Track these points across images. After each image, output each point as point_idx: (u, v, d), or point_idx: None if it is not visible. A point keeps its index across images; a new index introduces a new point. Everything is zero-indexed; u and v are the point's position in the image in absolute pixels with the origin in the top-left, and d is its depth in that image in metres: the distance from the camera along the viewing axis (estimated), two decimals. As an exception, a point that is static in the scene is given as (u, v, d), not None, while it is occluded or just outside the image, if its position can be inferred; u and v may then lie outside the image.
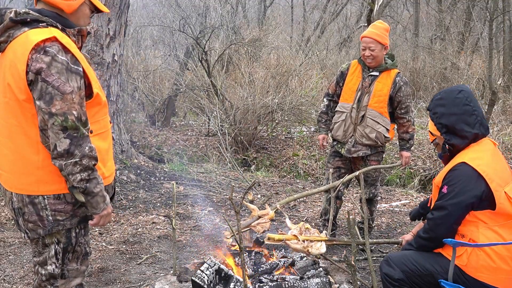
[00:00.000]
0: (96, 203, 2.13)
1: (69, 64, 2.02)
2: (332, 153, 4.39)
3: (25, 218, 2.16)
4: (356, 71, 4.19)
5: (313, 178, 7.86)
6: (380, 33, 4.04)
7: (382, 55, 4.08)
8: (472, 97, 2.68)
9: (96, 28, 6.02)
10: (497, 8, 11.00)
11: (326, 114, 4.41)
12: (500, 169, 2.60)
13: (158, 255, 4.27)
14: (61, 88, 1.99)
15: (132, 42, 12.40)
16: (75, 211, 2.19)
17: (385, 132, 4.17)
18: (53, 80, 1.98)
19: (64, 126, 1.99)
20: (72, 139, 2.01)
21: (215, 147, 8.61)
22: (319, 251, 3.07)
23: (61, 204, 2.15)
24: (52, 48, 2.01)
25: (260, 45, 11.22)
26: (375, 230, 4.97)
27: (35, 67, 1.98)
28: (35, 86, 2.00)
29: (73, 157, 2.01)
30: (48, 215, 2.14)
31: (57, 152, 2.01)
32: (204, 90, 9.73)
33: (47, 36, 2.03)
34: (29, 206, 2.14)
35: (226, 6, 10.84)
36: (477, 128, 2.63)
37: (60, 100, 1.98)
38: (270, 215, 3.26)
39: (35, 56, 1.99)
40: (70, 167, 2.02)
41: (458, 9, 15.18)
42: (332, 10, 16.82)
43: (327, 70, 12.42)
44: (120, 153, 6.33)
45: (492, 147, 2.69)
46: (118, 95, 6.42)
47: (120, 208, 5.42)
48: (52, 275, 2.25)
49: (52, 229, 2.16)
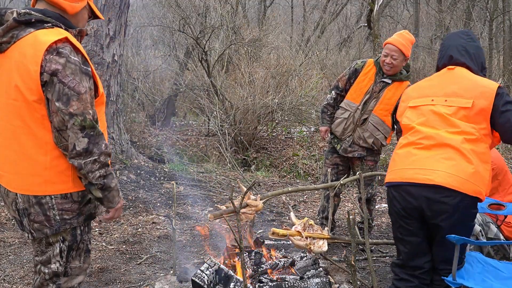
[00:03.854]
0: (113, 197, 2.20)
1: (81, 64, 2.08)
2: (330, 149, 4.39)
3: (31, 218, 2.18)
4: (370, 73, 4.14)
5: (313, 178, 7.86)
6: (406, 43, 3.98)
7: (401, 66, 4.04)
8: (449, 37, 2.86)
9: (96, 28, 6.02)
10: (497, 8, 11.00)
11: (332, 107, 4.34)
12: (426, 87, 2.78)
13: (158, 255, 4.27)
14: (77, 89, 2.04)
15: (132, 42, 12.40)
16: (81, 209, 2.23)
17: (383, 140, 4.17)
18: (68, 81, 2.03)
19: (82, 125, 2.04)
20: (90, 137, 2.07)
21: (215, 147, 8.60)
22: (321, 250, 3.07)
23: (68, 203, 2.18)
24: (65, 49, 2.05)
25: (260, 45, 11.20)
26: (375, 230, 4.97)
27: (50, 68, 2.02)
28: (52, 88, 2.03)
29: (92, 155, 2.07)
30: (55, 215, 2.17)
31: (76, 152, 2.06)
32: (204, 90, 9.73)
33: (59, 37, 2.06)
34: (36, 206, 2.16)
35: (226, 6, 10.82)
36: (443, 60, 2.81)
37: (76, 100, 2.03)
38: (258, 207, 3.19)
39: (48, 57, 2.02)
40: (89, 165, 2.07)
41: (458, 9, 15.18)
42: (332, 10, 16.82)
43: (327, 70, 12.41)
44: (120, 153, 6.33)
45: (444, 72, 2.79)
46: (118, 95, 6.42)
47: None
48: (55, 273, 2.26)
49: (60, 228, 2.19)
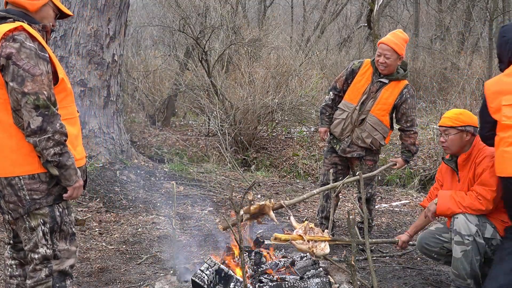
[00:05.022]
0: (69, 175, 2.32)
1: (37, 50, 2.23)
2: (329, 149, 4.39)
3: (6, 199, 2.33)
4: (367, 73, 4.15)
5: (313, 178, 7.86)
6: (399, 42, 3.99)
7: (396, 65, 4.05)
8: (508, 30, 3.01)
9: (96, 28, 6.02)
10: (497, 8, 11.01)
11: (331, 108, 4.35)
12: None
13: (158, 255, 4.27)
14: (31, 71, 2.19)
15: (132, 42, 12.39)
16: (50, 190, 2.34)
17: (381, 140, 4.17)
18: (23, 64, 2.18)
19: (36, 104, 2.18)
20: (44, 116, 2.19)
21: (215, 147, 8.60)
22: (323, 252, 3.07)
23: (36, 184, 2.31)
24: (20, 36, 2.21)
25: (260, 45, 11.19)
26: (375, 230, 4.97)
27: (5, 52, 2.19)
28: (7, 70, 2.20)
29: (46, 133, 2.20)
30: (25, 195, 2.30)
31: (30, 130, 2.20)
32: (204, 90, 9.72)
33: (14, 26, 2.26)
34: (8, 188, 2.30)
35: (226, 6, 10.81)
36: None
37: (31, 81, 2.18)
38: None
39: (4, 44, 2.20)
40: (44, 142, 2.21)
41: (458, 9, 15.18)
42: (332, 10, 16.79)
43: (327, 70, 12.41)
44: (120, 153, 6.33)
45: None
46: (118, 95, 6.42)
47: (120, 208, 5.41)
48: (45, 256, 2.36)
49: (30, 207, 2.31)
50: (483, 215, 3.20)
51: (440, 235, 3.45)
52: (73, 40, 5.96)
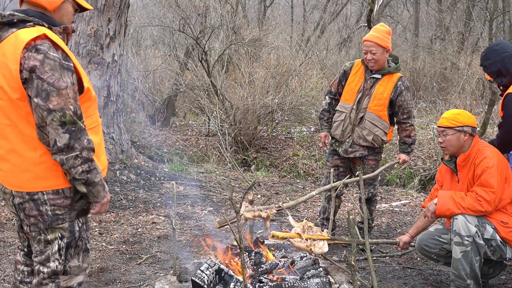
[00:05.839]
0: (97, 192, 2.21)
1: (61, 60, 2.09)
2: (331, 151, 4.40)
3: (26, 213, 2.21)
4: (359, 72, 4.18)
5: (313, 178, 7.86)
6: (382, 36, 4.01)
7: (384, 58, 4.07)
8: (507, 45, 3.35)
9: (96, 28, 6.02)
10: (497, 8, 11.00)
11: (328, 112, 4.39)
12: None
13: (158, 255, 4.27)
14: (56, 84, 2.05)
15: (132, 42, 12.38)
16: (73, 205, 2.24)
17: (383, 136, 4.17)
18: (47, 77, 2.04)
19: (62, 121, 2.05)
20: (71, 133, 2.08)
21: (215, 147, 8.61)
22: (321, 251, 3.07)
23: (60, 199, 2.20)
24: (43, 46, 2.07)
25: (260, 45, 11.20)
26: (375, 230, 4.97)
27: (28, 65, 2.05)
28: (31, 84, 2.06)
29: (73, 150, 2.09)
30: (47, 210, 2.19)
31: (57, 147, 2.08)
32: (204, 90, 9.73)
33: (37, 34, 2.08)
34: (30, 202, 2.19)
35: (226, 6, 10.82)
36: None
37: (56, 96, 2.05)
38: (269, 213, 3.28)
39: (27, 55, 2.05)
40: (71, 160, 2.09)
41: (458, 9, 15.18)
42: (332, 10, 16.81)
43: (327, 70, 12.42)
44: (120, 153, 6.33)
45: None
46: (118, 95, 6.41)
47: (120, 208, 5.42)
48: (54, 272, 2.27)
49: (52, 223, 2.21)
50: (483, 216, 3.20)
51: (439, 237, 3.45)
52: (73, 40, 5.95)
